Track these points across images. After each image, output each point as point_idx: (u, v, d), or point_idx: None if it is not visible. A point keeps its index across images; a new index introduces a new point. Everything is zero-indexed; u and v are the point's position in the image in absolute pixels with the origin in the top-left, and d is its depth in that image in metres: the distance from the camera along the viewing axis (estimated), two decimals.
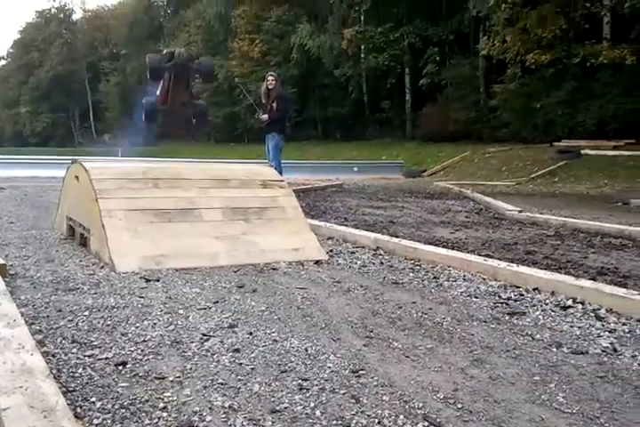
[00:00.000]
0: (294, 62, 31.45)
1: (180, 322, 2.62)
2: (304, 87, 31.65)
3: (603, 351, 2.35)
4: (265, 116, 9.19)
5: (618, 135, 16.26)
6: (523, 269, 3.55)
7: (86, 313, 2.72)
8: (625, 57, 15.89)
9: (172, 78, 8.93)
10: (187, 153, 31.18)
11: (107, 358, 2.17)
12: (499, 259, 4.07)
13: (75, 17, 64.36)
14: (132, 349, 2.27)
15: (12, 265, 3.70)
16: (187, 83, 9.33)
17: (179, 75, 8.87)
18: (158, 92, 9.54)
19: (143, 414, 1.76)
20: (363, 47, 27.46)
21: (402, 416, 1.78)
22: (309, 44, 28.99)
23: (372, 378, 2.04)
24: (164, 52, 9.44)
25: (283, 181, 4.95)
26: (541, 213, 7.20)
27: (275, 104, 9.13)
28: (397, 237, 5.04)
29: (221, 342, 2.38)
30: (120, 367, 2.09)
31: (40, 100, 60.24)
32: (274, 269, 3.83)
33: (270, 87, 9.16)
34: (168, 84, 9.05)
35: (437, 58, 24.56)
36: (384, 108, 28.83)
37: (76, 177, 4.50)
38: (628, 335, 2.54)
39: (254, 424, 1.71)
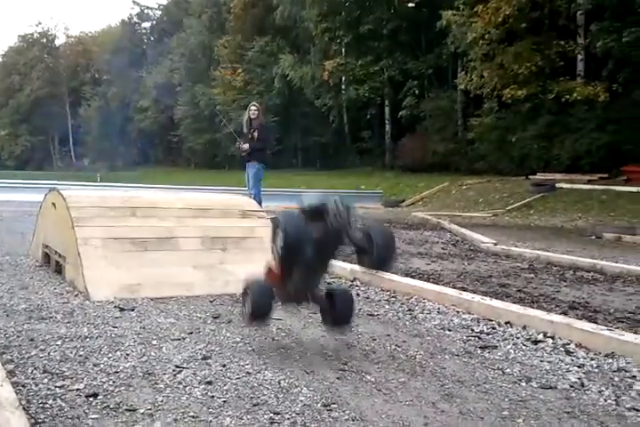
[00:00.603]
0: (276, 92, 31.90)
1: (153, 353, 2.61)
2: (286, 116, 31.99)
3: (571, 386, 2.39)
4: (246, 146, 9.25)
5: (592, 170, 16.61)
6: (496, 302, 3.61)
7: (59, 343, 2.70)
8: (598, 94, 16.38)
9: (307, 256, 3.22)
10: (166, 178, 31.09)
11: (78, 390, 2.15)
12: (473, 291, 4.13)
13: (57, 42, 64.68)
14: (103, 380, 2.26)
15: None
16: (329, 259, 3.31)
17: (324, 251, 3.16)
18: (275, 267, 3.52)
19: None
20: (344, 79, 27.97)
21: None
22: (291, 74, 29.47)
23: (343, 412, 2.06)
24: (305, 202, 3.00)
25: (262, 211, 4.99)
26: (516, 246, 7.31)
27: (256, 134, 9.21)
28: None
29: (194, 373, 2.37)
30: (91, 399, 2.08)
31: (19, 124, 59.88)
32: None
33: (253, 117, 9.25)
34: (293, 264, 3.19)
35: (416, 91, 25.04)
36: (364, 137, 29.22)
37: (53, 204, 4.48)
38: (596, 370, 2.59)
39: None
